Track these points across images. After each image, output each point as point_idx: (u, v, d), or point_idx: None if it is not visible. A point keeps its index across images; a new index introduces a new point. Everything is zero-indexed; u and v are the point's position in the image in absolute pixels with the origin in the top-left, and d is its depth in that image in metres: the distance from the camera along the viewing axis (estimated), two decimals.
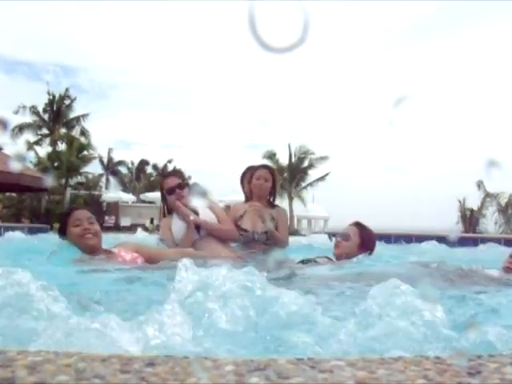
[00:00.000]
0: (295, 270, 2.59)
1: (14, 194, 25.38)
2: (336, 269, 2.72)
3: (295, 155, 32.37)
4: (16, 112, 29.55)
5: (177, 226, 3.41)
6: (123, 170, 40.92)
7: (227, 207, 4.97)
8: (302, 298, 1.52)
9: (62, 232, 2.88)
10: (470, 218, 29.53)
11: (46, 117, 30.73)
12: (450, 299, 1.68)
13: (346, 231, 3.24)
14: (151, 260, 2.82)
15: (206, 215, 3.43)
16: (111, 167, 39.82)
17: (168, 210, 3.58)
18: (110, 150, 39.80)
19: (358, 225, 3.28)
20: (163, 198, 3.58)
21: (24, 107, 30.09)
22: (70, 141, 28.38)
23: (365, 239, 3.22)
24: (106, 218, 26.81)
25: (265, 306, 1.32)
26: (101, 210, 27.82)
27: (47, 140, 30.23)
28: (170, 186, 3.48)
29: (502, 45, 51.10)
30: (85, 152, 29.41)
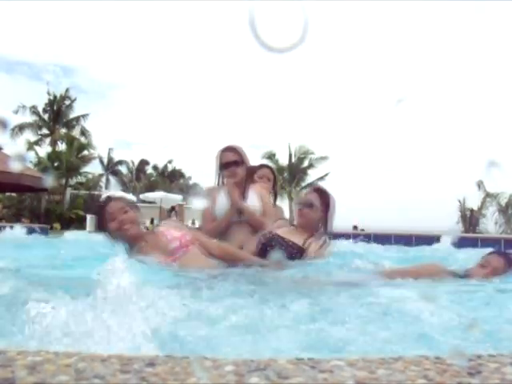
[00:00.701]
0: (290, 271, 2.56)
1: (14, 194, 25.39)
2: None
3: (295, 155, 32.40)
4: (16, 111, 29.56)
5: (222, 201, 3.33)
6: (123, 170, 40.93)
7: None
8: (299, 300, 1.52)
9: (103, 227, 2.85)
10: (470, 218, 29.54)
11: (46, 117, 30.74)
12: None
13: (308, 198, 3.11)
14: (196, 241, 2.77)
15: (253, 201, 3.34)
16: (111, 167, 39.82)
17: (221, 182, 3.50)
18: (109, 150, 39.82)
19: (318, 190, 3.19)
20: (218, 169, 3.47)
21: (24, 107, 30.11)
22: (70, 141, 28.39)
23: (326, 204, 3.13)
24: None
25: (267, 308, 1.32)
26: None
27: (47, 140, 30.24)
28: (226, 161, 3.34)
29: (502, 43, 51.15)
30: (85, 152, 29.43)
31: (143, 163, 42.49)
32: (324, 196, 3.15)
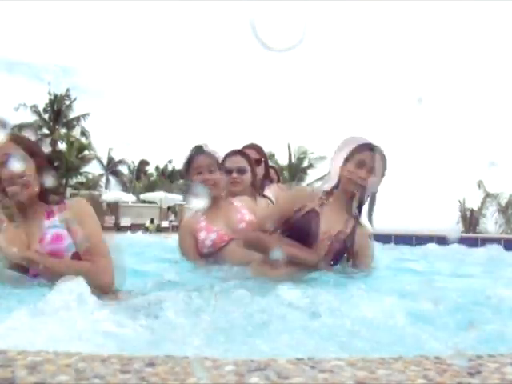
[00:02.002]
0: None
1: None
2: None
3: (294, 155, 32.45)
4: (17, 109, 29.49)
5: None
6: (123, 169, 40.92)
7: None
8: (300, 299, 1.52)
9: (187, 176, 2.78)
10: (470, 218, 29.53)
11: (46, 117, 30.73)
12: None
13: (239, 164, 2.94)
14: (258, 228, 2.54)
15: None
16: (111, 167, 39.82)
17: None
18: (109, 150, 39.82)
19: (241, 152, 3.04)
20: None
21: (25, 105, 30.07)
22: (70, 141, 28.41)
23: (252, 164, 3.01)
24: (106, 217, 26.82)
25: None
26: (101, 210, 27.84)
27: (47, 140, 30.22)
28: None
29: (503, 45, 51.17)
30: (85, 152, 29.45)
31: (143, 163, 42.49)
32: (249, 157, 3.04)
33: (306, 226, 2.24)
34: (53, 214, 1.90)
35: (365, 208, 2.36)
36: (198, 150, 2.80)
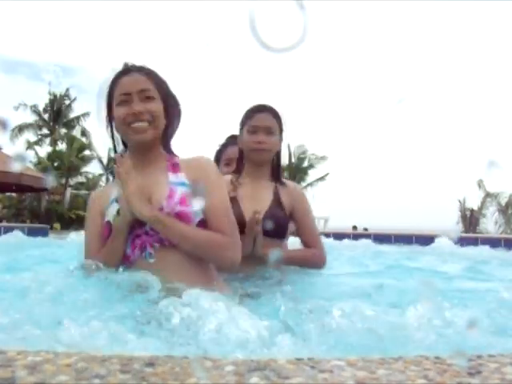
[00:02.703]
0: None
1: (14, 194, 25.38)
2: None
3: (294, 155, 32.43)
4: (17, 108, 29.42)
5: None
6: None
7: None
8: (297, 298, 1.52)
9: (216, 162, 2.69)
10: (470, 218, 29.53)
11: (46, 116, 30.70)
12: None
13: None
14: None
15: None
16: (111, 167, 39.74)
17: None
18: (110, 150, 39.75)
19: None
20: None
21: (25, 105, 30.02)
22: (71, 141, 28.40)
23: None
24: None
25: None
26: None
27: (47, 140, 30.21)
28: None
29: (503, 44, 51.15)
30: (85, 152, 29.42)
31: None
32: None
33: None
34: (178, 168, 1.63)
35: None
36: (233, 141, 2.65)
